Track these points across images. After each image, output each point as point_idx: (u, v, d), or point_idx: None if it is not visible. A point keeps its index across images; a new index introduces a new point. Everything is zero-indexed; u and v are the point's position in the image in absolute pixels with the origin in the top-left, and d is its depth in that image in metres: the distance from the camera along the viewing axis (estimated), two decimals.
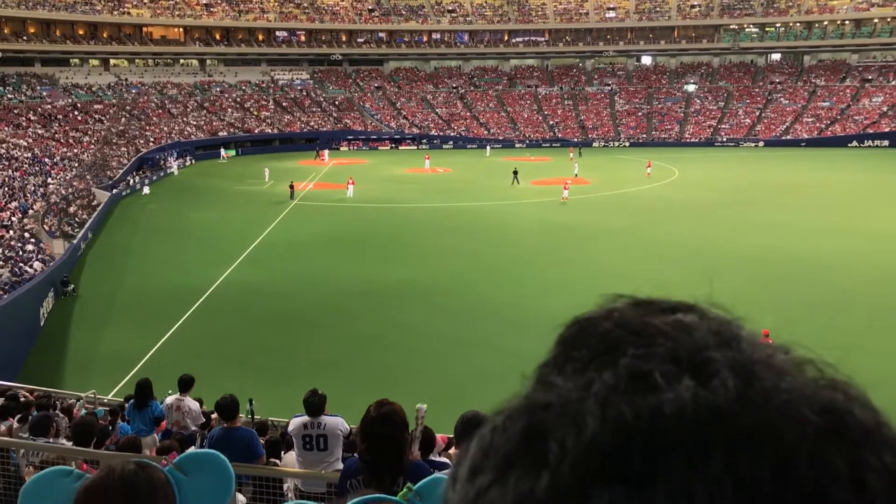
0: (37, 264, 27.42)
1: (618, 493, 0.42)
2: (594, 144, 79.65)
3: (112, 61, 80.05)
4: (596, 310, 0.55)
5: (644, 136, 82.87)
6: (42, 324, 23.17)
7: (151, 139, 66.91)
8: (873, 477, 0.42)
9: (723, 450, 0.42)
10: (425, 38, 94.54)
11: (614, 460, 0.43)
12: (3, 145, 48.11)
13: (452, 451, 6.88)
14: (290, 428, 7.46)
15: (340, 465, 6.66)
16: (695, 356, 0.48)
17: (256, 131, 77.10)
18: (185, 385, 9.93)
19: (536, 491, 0.44)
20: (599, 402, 0.46)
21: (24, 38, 71.91)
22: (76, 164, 49.49)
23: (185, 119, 74.77)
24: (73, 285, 26.63)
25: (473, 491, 0.48)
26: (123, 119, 69.06)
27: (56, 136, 58.66)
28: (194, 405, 9.82)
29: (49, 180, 42.74)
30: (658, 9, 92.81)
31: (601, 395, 0.46)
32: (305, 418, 7.21)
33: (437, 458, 4.62)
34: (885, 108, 78.85)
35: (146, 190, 49.54)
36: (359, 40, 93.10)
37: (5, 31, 70.34)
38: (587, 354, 0.51)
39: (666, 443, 0.43)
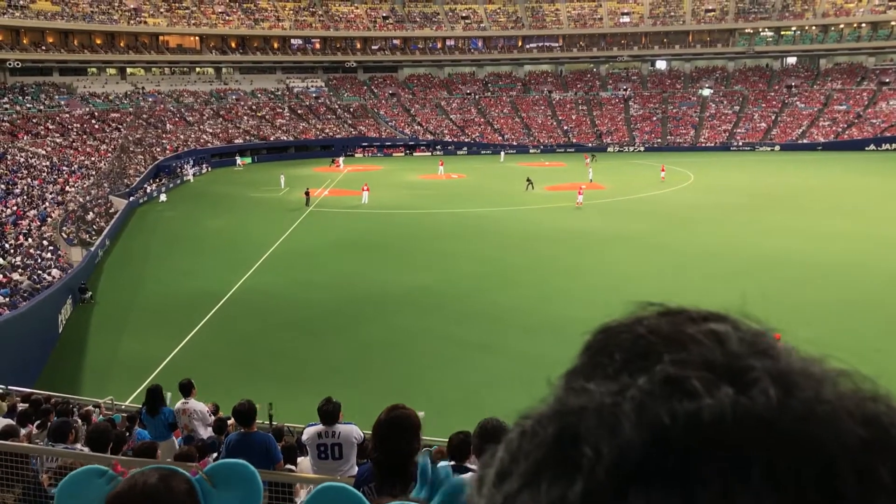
0: (55, 271, 27.66)
1: (655, 496, 0.41)
2: (609, 149, 79.44)
3: (129, 70, 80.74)
4: (624, 318, 0.53)
5: (659, 140, 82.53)
6: (60, 330, 23.36)
7: (168, 147, 67.44)
8: None
9: (765, 457, 0.41)
10: (439, 45, 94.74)
11: (651, 464, 0.42)
12: (22, 154, 48.63)
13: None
14: (305, 437, 7.46)
15: (355, 471, 6.66)
16: (732, 364, 0.46)
17: (272, 139, 77.47)
18: (185, 389, 10.02)
19: (570, 496, 0.42)
20: (635, 406, 0.44)
21: (43, 47, 72.66)
22: (94, 173, 49.91)
23: (201, 127, 75.28)
24: (90, 292, 26.84)
25: (500, 496, 0.46)
26: (140, 127, 69.64)
27: (74, 144, 59.21)
28: (199, 406, 9.85)
29: (67, 188, 43.13)
30: (672, 13, 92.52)
31: (637, 399, 0.45)
32: (320, 427, 7.21)
33: (469, 465, 4.48)
34: None
35: (163, 197, 49.90)
36: (373, 47, 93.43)
37: (24, 41, 71.15)
38: (619, 360, 0.49)
39: (705, 447, 0.41)
